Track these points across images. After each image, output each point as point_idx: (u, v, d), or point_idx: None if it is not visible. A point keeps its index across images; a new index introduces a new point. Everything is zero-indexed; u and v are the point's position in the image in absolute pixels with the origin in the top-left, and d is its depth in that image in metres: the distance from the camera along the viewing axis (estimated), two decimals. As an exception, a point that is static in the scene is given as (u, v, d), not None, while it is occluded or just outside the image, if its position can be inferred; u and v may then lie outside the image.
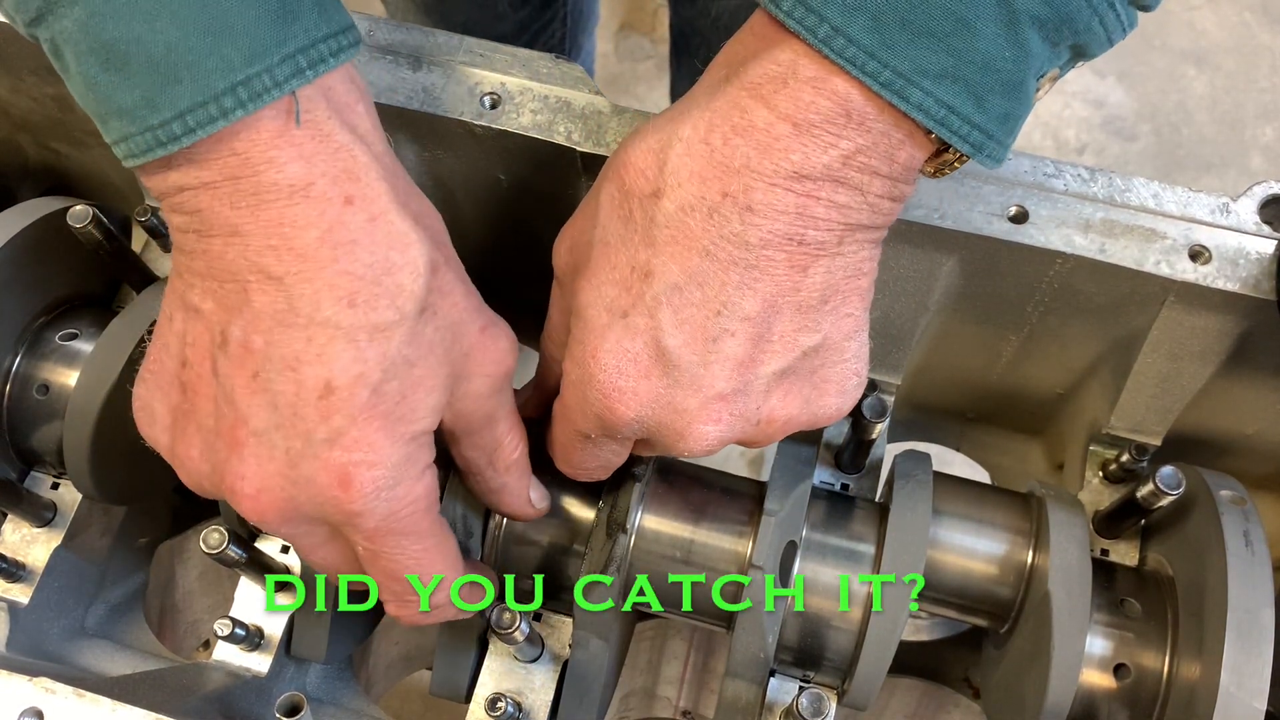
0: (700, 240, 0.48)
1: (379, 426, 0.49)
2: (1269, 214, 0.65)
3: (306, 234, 0.47)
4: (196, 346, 0.50)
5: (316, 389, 0.48)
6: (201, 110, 0.45)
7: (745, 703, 0.64)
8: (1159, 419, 0.74)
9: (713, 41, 1.25)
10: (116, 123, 0.46)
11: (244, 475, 0.50)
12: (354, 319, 0.48)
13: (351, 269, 0.48)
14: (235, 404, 0.49)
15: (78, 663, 0.77)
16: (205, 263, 0.49)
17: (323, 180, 0.48)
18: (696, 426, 0.51)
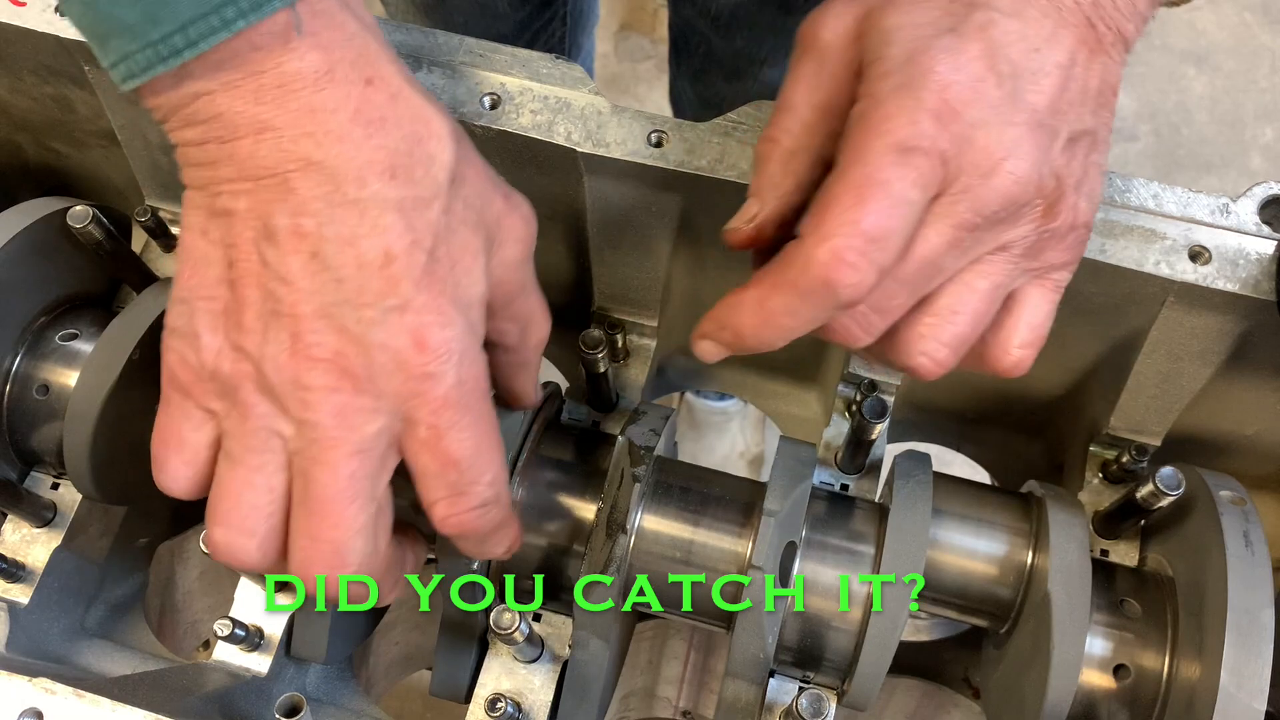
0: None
1: (440, 290, 0.51)
2: (1269, 214, 0.65)
3: (338, 116, 0.49)
4: (239, 246, 0.50)
5: (378, 259, 0.49)
6: (203, 22, 0.46)
7: (745, 703, 0.64)
8: (1159, 419, 0.74)
9: (712, 40, 1.25)
10: (116, 41, 0.46)
11: (319, 343, 0.50)
12: (398, 190, 0.50)
13: (386, 143, 0.50)
14: (295, 284, 0.49)
15: (78, 663, 0.77)
16: (233, 167, 0.49)
17: (342, 65, 0.49)
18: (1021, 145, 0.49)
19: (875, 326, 0.52)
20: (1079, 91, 0.51)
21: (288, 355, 0.50)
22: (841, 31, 0.53)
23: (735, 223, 0.56)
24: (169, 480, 0.54)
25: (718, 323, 0.54)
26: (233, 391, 0.51)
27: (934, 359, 0.53)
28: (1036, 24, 0.50)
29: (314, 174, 0.49)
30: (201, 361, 0.52)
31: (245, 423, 0.51)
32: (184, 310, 0.52)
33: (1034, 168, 0.50)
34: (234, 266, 0.50)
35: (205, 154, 0.50)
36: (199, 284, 0.51)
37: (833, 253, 0.47)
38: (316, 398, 0.50)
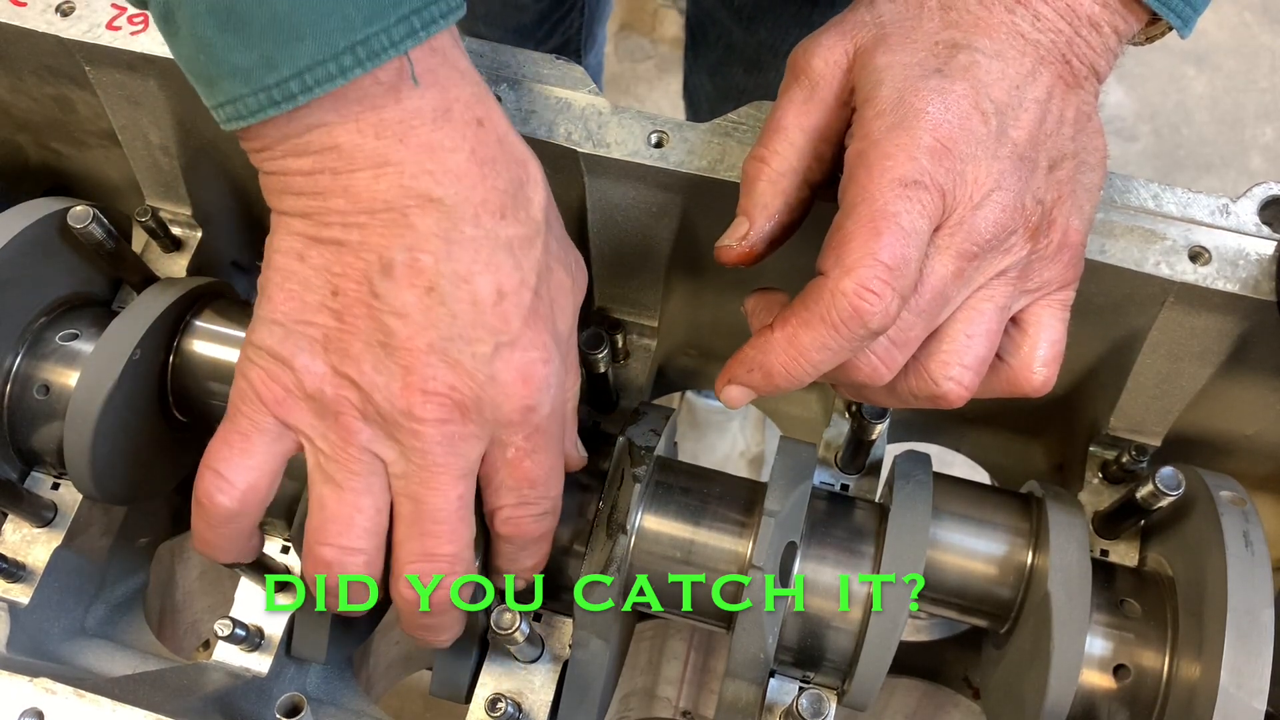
0: (999, 29, 0.53)
1: (544, 326, 0.53)
2: (1269, 215, 0.65)
3: (456, 156, 0.50)
4: (348, 275, 0.51)
5: (491, 296, 0.51)
6: (320, 69, 0.46)
7: (745, 703, 0.64)
8: (1159, 419, 0.74)
9: (734, 33, 1.24)
10: (228, 84, 0.47)
11: (435, 377, 0.51)
12: (508, 230, 0.52)
13: (498, 184, 0.52)
14: (409, 318, 0.50)
15: (78, 663, 0.77)
16: (347, 199, 0.50)
17: (458, 104, 0.51)
18: (1006, 177, 0.52)
19: (896, 361, 0.54)
20: (1056, 123, 0.54)
21: (400, 387, 0.51)
22: (833, 62, 0.56)
23: (727, 240, 0.58)
24: (222, 485, 0.54)
25: (745, 365, 0.56)
26: (334, 415, 0.53)
27: (960, 382, 0.55)
28: (1016, 63, 0.53)
29: (433, 211, 0.50)
30: (300, 382, 0.52)
31: (347, 446, 0.53)
32: (278, 332, 0.52)
33: (1017, 197, 0.52)
34: (339, 295, 0.51)
35: (314, 184, 0.50)
36: (296, 308, 0.52)
37: (858, 283, 0.50)
38: (429, 429, 0.52)
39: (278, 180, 0.51)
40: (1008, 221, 0.52)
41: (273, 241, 0.53)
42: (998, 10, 0.53)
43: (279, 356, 0.52)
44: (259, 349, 0.53)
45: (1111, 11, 0.54)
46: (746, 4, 1.19)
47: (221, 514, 0.55)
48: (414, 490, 0.53)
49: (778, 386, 0.55)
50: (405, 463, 0.53)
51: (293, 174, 0.51)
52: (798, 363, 0.53)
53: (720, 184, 0.65)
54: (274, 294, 0.52)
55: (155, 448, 0.75)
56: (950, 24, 0.54)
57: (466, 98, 0.51)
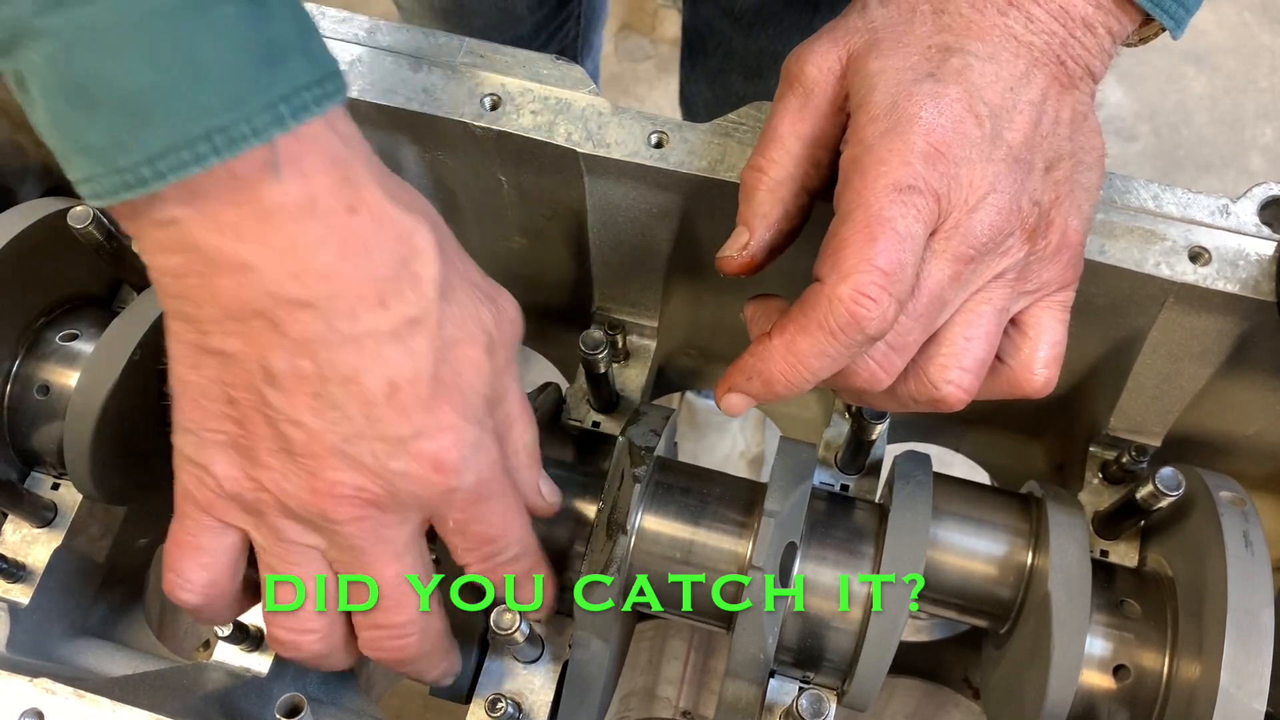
0: (992, 32, 0.53)
1: (449, 408, 0.51)
2: (1269, 215, 0.65)
3: (322, 252, 0.47)
4: (238, 385, 0.49)
5: (383, 391, 0.49)
6: (174, 155, 0.43)
7: (745, 703, 0.64)
8: (1159, 420, 0.74)
9: (734, 40, 1.24)
10: (82, 161, 0.44)
11: (341, 481, 0.50)
12: (391, 319, 0.48)
13: (374, 273, 0.48)
14: (304, 425, 0.49)
15: (78, 663, 0.77)
16: (217, 306, 0.47)
17: (324, 194, 0.47)
18: (1001, 179, 0.52)
19: (895, 365, 0.54)
20: (1051, 124, 0.54)
21: (309, 493, 0.50)
22: (826, 69, 0.56)
23: (727, 251, 0.58)
24: (182, 583, 0.55)
25: (744, 373, 0.55)
26: (258, 514, 0.52)
27: (959, 385, 0.55)
28: (1010, 65, 0.53)
29: (304, 315, 0.47)
30: (221, 487, 0.52)
31: (279, 541, 0.53)
32: (192, 440, 0.52)
33: (1013, 199, 0.52)
34: (235, 405, 0.50)
35: (184, 286, 0.47)
36: (201, 417, 0.51)
37: (855, 288, 0.50)
38: (348, 528, 0.51)
39: (154, 276, 0.48)
40: (1004, 224, 0.52)
41: (169, 347, 0.51)
42: (990, 13, 0.53)
43: (198, 463, 0.52)
44: (182, 456, 0.53)
45: (1105, 12, 0.54)
46: (747, 11, 1.19)
47: (192, 608, 0.56)
48: (355, 571, 0.54)
49: (777, 394, 0.55)
50: (337, 551, 0.53)
51: (163, 272, 0.48)
52: (796, 370, 0.53)
53: (720, 184, 0.65)
54: (181, 401, 0.51)
55: (155, 448, 0.75)
56: (943, 28, 0.54)
57: (334, 184, 0.47)
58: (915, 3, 0.55)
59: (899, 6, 0.55)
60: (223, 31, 0.43)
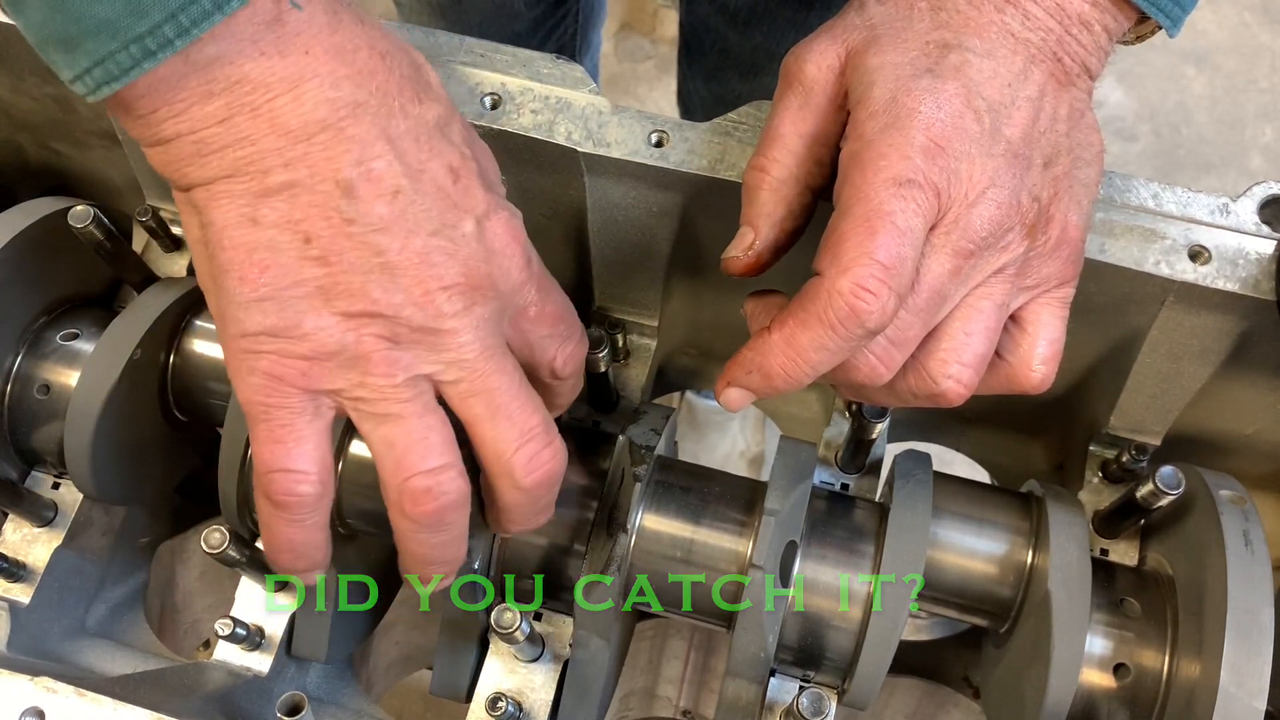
0: (989, 29, 0.53)
1: (496, 190, 0.54)
2: (1268, 214, 0.65)
3: (359, 55, 0.49)
4: (313, 216, 0.48)
5: (449, 178, 0.51)
6: (194, 6, 0.43)
7: (745, 702, 0.64)
8: (1159, 419, 0.74)
9: (730, 39, 1.25)
10: (92, 43, 0.43)
11: (445, 273, 0.50)
12: (430, 113, 0.51)
13: (404, 72, 0.51)
14: (392, 228, 0.49)
15: (78, 662, 0.77)
16: (276, 133, 0.47)
17: (340, 7, 0.49)
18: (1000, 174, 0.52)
19: (895, 359, 0.54)
20: (1049, 120, 0.54)
21: (420, 295, 0.49)
22: (825, 67, 0.56)
23: (733, 251, 0.58)
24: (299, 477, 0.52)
25: (744, 367, 0.56)
26: (364, 360, 0.50)
27: (959, 380, 0.55)
28: (1008, 61, 0.53)
29: (364, 116, 0.48)
30: (317, 347, 0.50)
31: (391, 379, 0.51)
32: (269, 308, 0.49)
33: (1013, 194, 0.52)
34: (313, 240, 0.48)
35: (234, 130, 0.47)
36: (276, 275, 0.48)
37: (855, 282, 0.50)
38: (464, 321, 0.51)
39: (188, 144, 0.47)
40: (1004, 219, 0.52)
41: (210, 218, 0.49)
42: (987, 10, 0.54)
43: (283, 332, 0.49)
44: (255, 336, 0.50)
45: (1101, 10, 0.55)
46: (742, 9, 1.19)
47: (309, 503, 0.53)
48: (477, 387, 0.52)
49: (777, 388, 0.55)
50: (455, 369, 0.51)
51: (206, 127, 0.47)
52: (796, 364, 0.53)
53: (721, 183, 0.65)
54: (244, 271, 0.49)
55: (155, 448, 0.75)
56: (940, 24, 0.54)
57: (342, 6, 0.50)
58: (913, 0, 0.55)
59: (897, 4, 0.55)
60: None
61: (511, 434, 0.54)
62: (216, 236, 0.49)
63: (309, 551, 0.55)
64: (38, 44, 0.45)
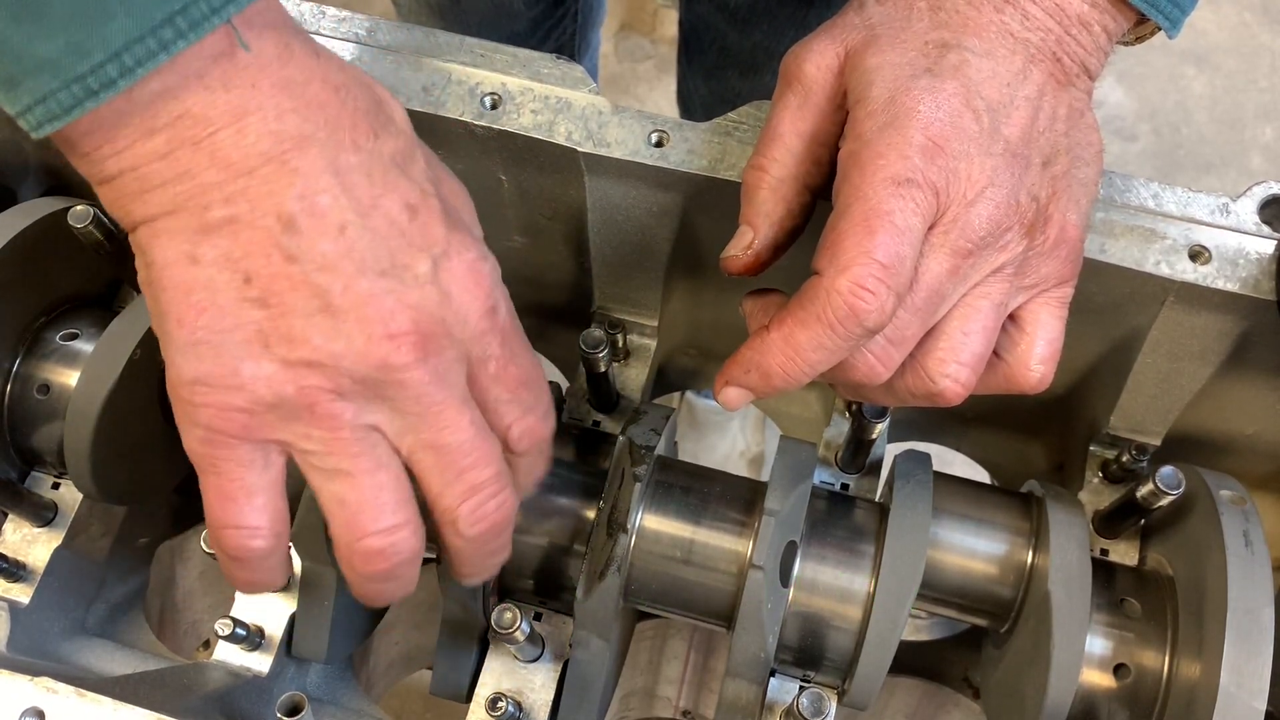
0: (988, 29, 0.53)
1: (463, 228, 0.51)
2: (1269, 214, 0.65)
3: (310, 87, 0.46)
4: (253, 253, 0.45)
5: (404, 214, 0.48)
6: (139, 46, 0.42)
7: (745, 703, 0.64)
8: (1159, 419, 0.74)
9: (729, 37, 1.25)
10: (33, 81, 0.41)
11: (393, 316, 0.47)
12: (388, 147, 0.49)
13: (359, 105, 0.48)
14: (337, 268, 0.46)
15: (78, 662, 0.77)
16: (217, 167, 0.45)
17: (295, 40, 0.47)
18: (999, 174, 0.52)
19: (893, 359, 0.54)
20: (1048, 120, 0.54)
21: (364, 342, 0.46)
22: (824, 66, 0.56)
23: (732, 251, 0.58)
24: (250, 533, 0.49)
25: (743, 366, 0.55)
26: (307, 411, 0.47)
27: (957, 380, 0.55)
28: (1007, 61, 0.53)
29: (310, 147, 0.46)
30: (254, 398, 0.47)
31: (337, 434, 0.48)
32: (205, 352, 0.46)
33: (1011, 194, 0.52)
34: (253, 280, 0.45)
35: (175, 164, 0.45)
36: (213, 317, 0.46)
37: (853, 281, 0.50)
38: (413, 373, 0.47)
39: (130, 180, 0.45)
40: (1002, 218, 0.52)
41: (152, 257, 0.46)
42: (987, 10, 0.54)
43: (219, 380, 0.46)
44: (191, 384, 0.46)
45: (1100, 10, 0.55)
46: (741, 7, 1.19)
47: (262, 556, 0.51)
48: (426, 439, 0.49)
49: (775, 387, 0.55)
50: (403, 418, 0.49)
51: (148, 163, 0.45)
52: (794, 362, 0.53)
53: (721, 183, 0.65)
54: (181, 313, 0.46)
55: (155, 448, 0.75)
56: (939, 24, 0.54)
57: (300, 35, 0.48)
58: (912, 0, 0.55)
59: (896, 3, 0.55)
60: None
61: (459, 489, 0.51)
62: (157, 276, 0.46)
63: (269, 583, 0.53)
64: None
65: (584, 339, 0.69)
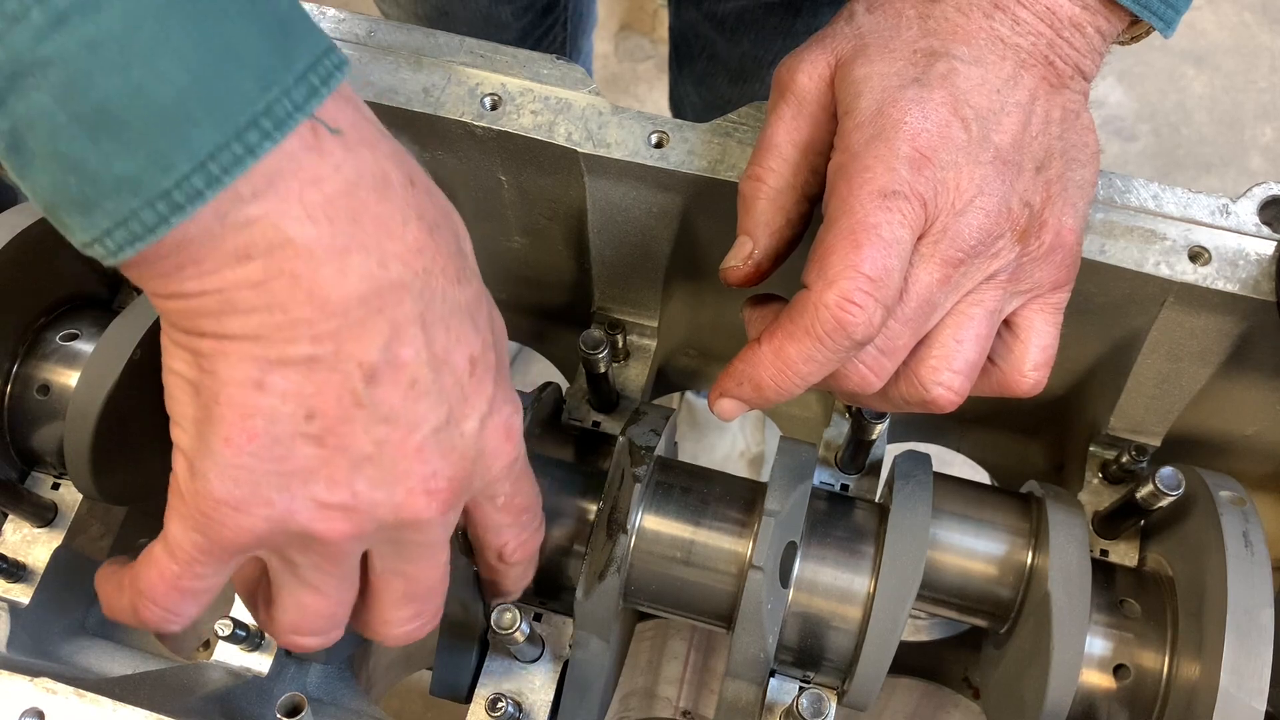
0: (978, 35, 0.53)
1: (505, 379, 0.52)
2: (1268, 215, 0.65)
3: (408, 228, 0.45)
4: (324, 394, 0.44)
5: (466, 368, 0.48)
6: (225, 153, 0.39)
7: (745, 703, 0.64)
8: (1158, 420, 0.74)
9: (717, 45, 1.25)
10: (112, 203, 0.39)
11: (435, 474, 0.47)
12: (465, 294, 0.48)
13: (448, 247, 0.47)
14: (399, 420, 0.45)
15: (78, 663, 0.77)
16: (314, 306, 0.42)
17: (389, 165, 0.45)
18: (989, 182, 0.52)
19: (885, 368, 0.54)
20: (1041, 124, 0.54)
21: (403, 495, 0.47)
22: (816, 76, 0.56)
23: (732, 261, 0.58)
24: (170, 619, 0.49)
25: (735, 379, 0.56)
26: (319, 544, 0.47)
27: (950, 387, 0.55)
28: (996, 67, 0.53)
29: (406, 297, 0.44)
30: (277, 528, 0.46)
31: (334, 562, 0.48)
32: (243, 477, 0.44)
33: (1002, 201, 0.52)
34: (315, 419, 0.44)
35: (268, 295, 0.42)
36: (265, 445, 0.44)
37: (840, 295, 0.50)
38: (433, 525, 0.49)
39: (213, 301, 0.42)
40: (993, 226, 0.52)
41: (214, 368, 0.44)
42: (976, 17, 0.53)
43: (247, 506, 0.45)
44: (219, 504, 0.45)
45: (1093, 13, 0.54)
46: (729, 16, 1.19)
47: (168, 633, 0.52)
48: (405, 570, 0.51)
49: (768, 399, 0.55)
50: (396, 552, 0.50)
51: (237, 288, 0.42)
52: (785, 375, 0.53)
53: (721, 184, 0.65)
54: (232, 434, 0.44)
55: (155, 448, 0.75)
56: (928, 32, 0.54)
57: (392, 153, 0.45)
58: (901, 8, 0.55)
59: (885, 13, 0.55)
60: (235, 10, 0.39)
61: (403, 615, 0.53)
62: (214, 388, 0.44)
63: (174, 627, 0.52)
64: (47, 208, 0.40)
65: (584, 339, 0.69)
